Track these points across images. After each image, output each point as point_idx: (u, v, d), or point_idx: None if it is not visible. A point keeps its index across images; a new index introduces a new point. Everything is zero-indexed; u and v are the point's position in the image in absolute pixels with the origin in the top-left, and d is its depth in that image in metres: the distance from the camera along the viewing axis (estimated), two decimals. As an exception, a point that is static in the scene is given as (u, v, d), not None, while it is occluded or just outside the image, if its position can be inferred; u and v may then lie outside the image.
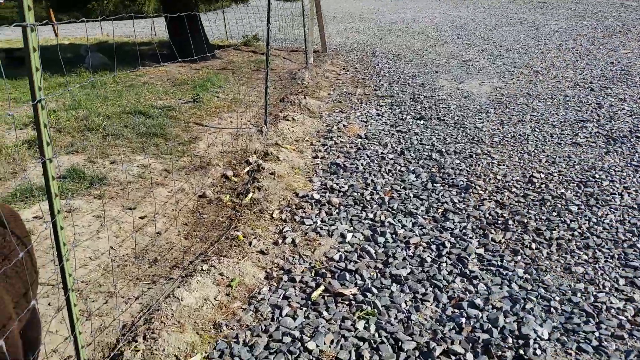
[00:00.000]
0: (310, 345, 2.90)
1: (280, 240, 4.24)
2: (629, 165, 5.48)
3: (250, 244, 4.23)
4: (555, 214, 4.49)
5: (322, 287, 3.48)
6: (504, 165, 5.64)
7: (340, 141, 6.68)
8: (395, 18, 22.15)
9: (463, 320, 3.12)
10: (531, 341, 2.92)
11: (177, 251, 4.22)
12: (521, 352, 2.85)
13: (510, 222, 4.37)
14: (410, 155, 6.03)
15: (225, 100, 8.97)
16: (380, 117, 7.74)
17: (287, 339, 2.99)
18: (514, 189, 5.01)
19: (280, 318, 3.21)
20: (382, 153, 6.12)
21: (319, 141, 6.79)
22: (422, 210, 4.60)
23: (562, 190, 4.93)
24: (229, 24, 17.41)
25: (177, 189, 5.31)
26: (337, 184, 5.23)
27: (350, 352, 2.88)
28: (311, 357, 2.87)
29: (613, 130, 6.61)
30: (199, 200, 5.14)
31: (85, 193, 5.09)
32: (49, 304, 3.46)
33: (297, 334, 3.03)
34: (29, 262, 2.59)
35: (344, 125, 7.39)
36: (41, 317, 3.25)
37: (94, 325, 3.24)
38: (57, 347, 2.99)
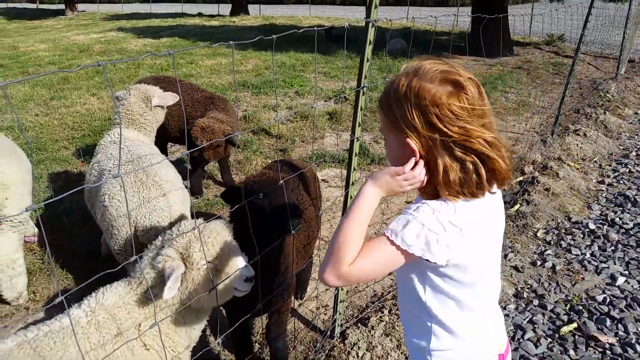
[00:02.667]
0: (547, 379, 2.78)
1: (539, 262, 4.06)
2: None
3: (505, 256, 4.16)
4: None
5: (574, 325, 3.25)
6: None
7: (637, 170, 5.86)
8: None
9: None
10: None
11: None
12: None
13: None
14: None
15: (513, 101, 8.70)
16: (699, 151, 6.47)
17: (524, 364, 2.93)
18: None
19: (521, 340, 3.14)
20: (690, 196, 5.16)
21: (610, 165, 6.08)
22: None
23: None
24: (533, 20, 16.53)
25: (446, 183, 5.49)
26: (620, 219, 4.66)
27: (590, 404, 2.67)
28: (545, 391, 2.75)
29: None
30: (464, 199, 5.23)
31: (366, 168, 5.71)
32: (317, 256, 4.07)
33: (535, 362, 2.94)
34: (316, 220, 3.12)
35: (647, 153, 6.43)
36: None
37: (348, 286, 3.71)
38: (317, 294, 3.54)
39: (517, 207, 4.94)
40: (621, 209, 4.88)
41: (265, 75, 10.06)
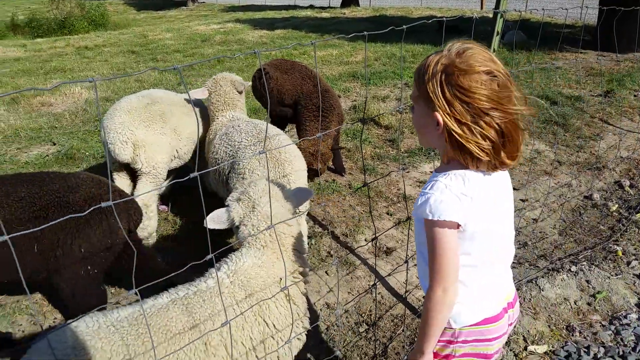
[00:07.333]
0: (674, 395, 2.60)
1: (666, 272, 3.76)
2: None
3: (628, 263, 3.90)
4: None
5: None
6: None
7: None
8: None
9: None
10: None
11: (548, 243, 4.26)
12: None
13: None
14: None
15: (644, 100, 7.98)
16: None
17: (647, 376, 2.76)
18: None
19: (643, 351, 2.96)
20: None
21: None
22: None
23: None
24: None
25: (564, 183, 5.23)
26: None
27: None
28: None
29: None
30: (583, 201, 4.95)
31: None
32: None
33: (661, 376, 2.76)
34: None
35: None
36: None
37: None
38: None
39: (644, 213, 4.59)
40: None
41: (374, 66, 10.10)
